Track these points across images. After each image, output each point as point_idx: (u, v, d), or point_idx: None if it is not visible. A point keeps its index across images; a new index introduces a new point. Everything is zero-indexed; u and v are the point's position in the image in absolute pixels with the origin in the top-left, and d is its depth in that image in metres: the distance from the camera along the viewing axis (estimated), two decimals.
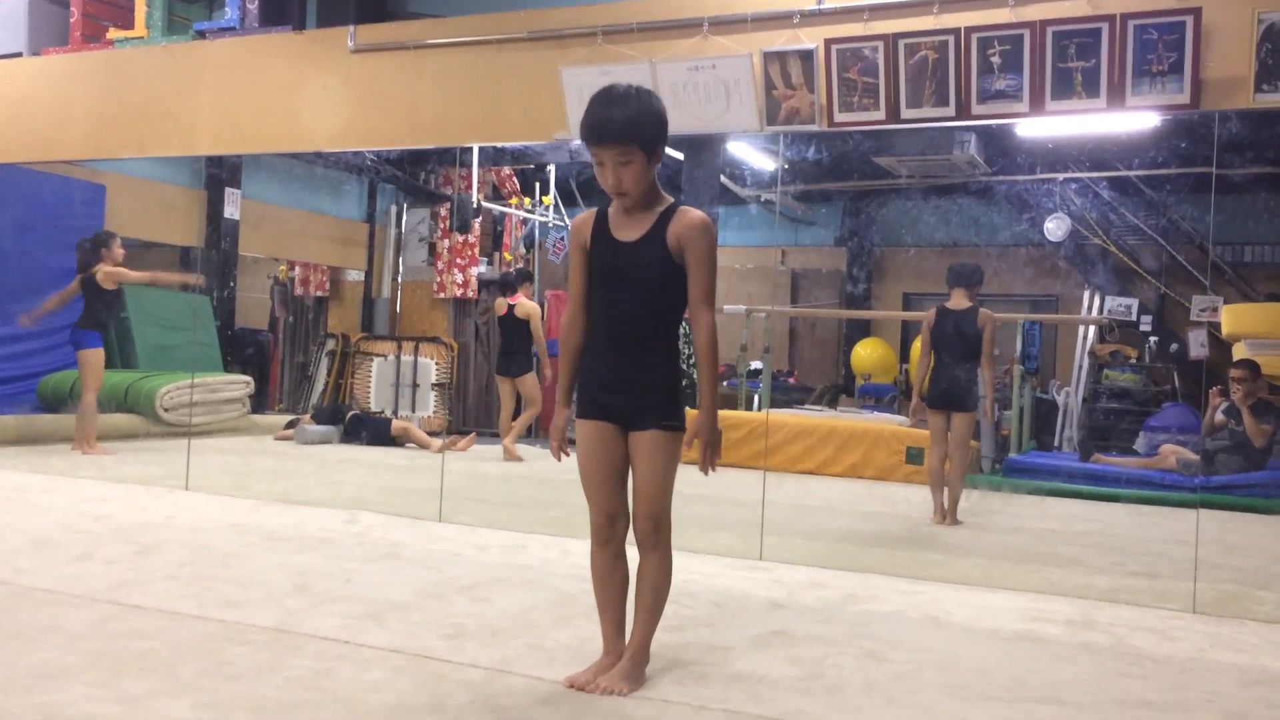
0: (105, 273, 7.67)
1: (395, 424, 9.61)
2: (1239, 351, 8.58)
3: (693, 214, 2.86)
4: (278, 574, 4.03)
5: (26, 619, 3.26)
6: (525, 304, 8.89)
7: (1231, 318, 8.82)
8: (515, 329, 8.84)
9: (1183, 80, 4.30)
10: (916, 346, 6.64)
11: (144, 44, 6.85)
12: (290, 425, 9.66)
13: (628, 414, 2.89)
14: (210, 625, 3.28)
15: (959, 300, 6.30)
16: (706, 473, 2.93)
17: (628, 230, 2.88)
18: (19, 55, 7.38)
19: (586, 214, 3.00)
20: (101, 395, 7.97)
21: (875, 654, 3.31)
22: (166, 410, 8.58)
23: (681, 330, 3.08)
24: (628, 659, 2.88)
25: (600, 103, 2.83)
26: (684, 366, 9.14)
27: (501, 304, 9.03)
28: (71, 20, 7.29)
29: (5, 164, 7.49)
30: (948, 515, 6.20)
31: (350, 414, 9.80)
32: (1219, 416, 7.99)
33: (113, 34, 7.04)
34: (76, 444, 7.65)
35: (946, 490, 6.25)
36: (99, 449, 7.61)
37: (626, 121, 2.78)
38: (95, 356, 7.62)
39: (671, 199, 2.93)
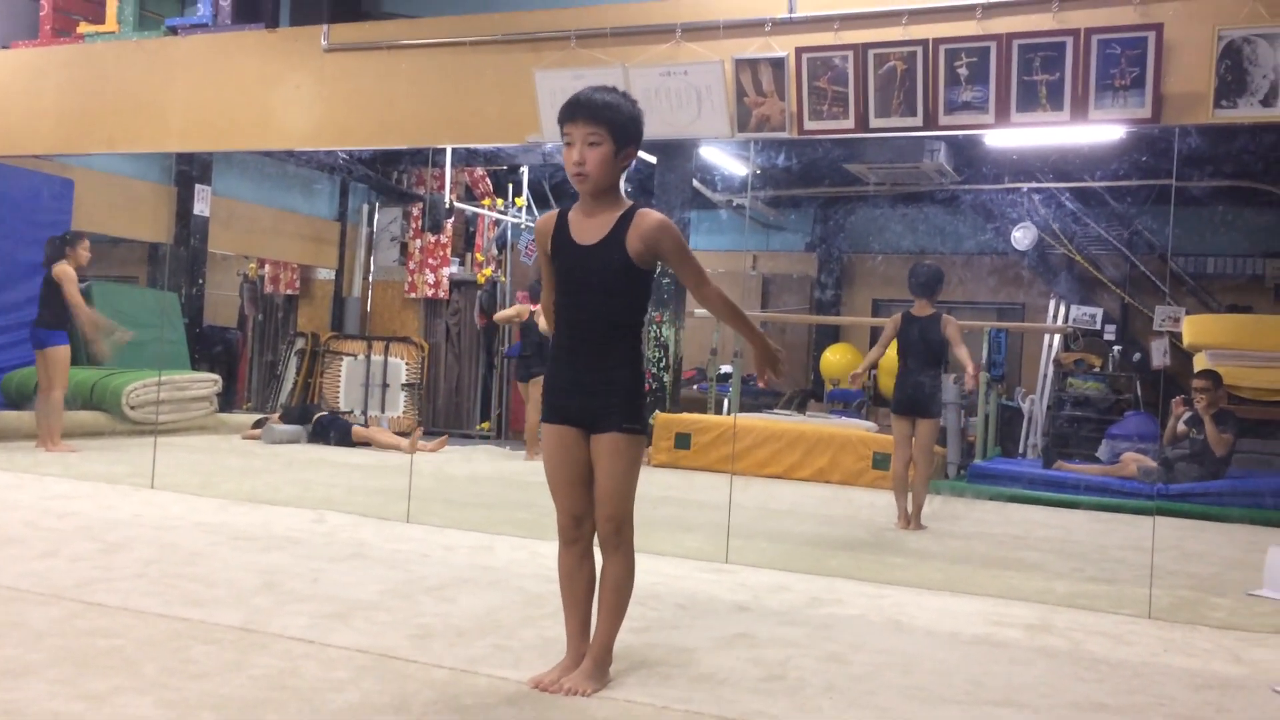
0: (58, 270, 7.54)
1: (356, 430, 9.55)
2: (1200, 362, 8.72)
3: (651, 216, 2.91)
4: (244, 573, 4.03)
5: None
6: None
7: (1193, 328, 8.97)
8: (539, 335, 8.96)
9: (1144, 95, 4.39)
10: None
11: (115, 39, 6.82)
12: (258, 424, 9.61)
13: (589, 417, 2.91)
14: (176, 623, 3.28)
15: (922, 308, 6.38)
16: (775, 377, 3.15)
17: (587, 233, 2.92)
18: None
19: (548, 216, 3.03)
20: (68, 392, 7.90)
21: (837, 656, 3.36)
22: (133, 408, 8.52)
23: (649, 333, 3.13)
24: (590, 659, 2.91)
25: (583, 90, 2.92)
26: (650, 369, 9.20)
27: (524, 310, 9.21)
28: (42, 13, 7.23)
29: None
30: (911, 520, 6.27)
31: (317, 415, 9.75)
32: (1181, 426, 8.12)
33: (84, 28, 7.00)
34: (41, 441, 7.58)
35: (911, 495, 6.32)
36: (64, 446, 7.55)
37: (603, 104, 2.85)
38: (62, 354, 7.56)
39: (630, 202, 2.96)
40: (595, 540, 2.98)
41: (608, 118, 2.84)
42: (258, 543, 4.66)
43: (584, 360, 2.92)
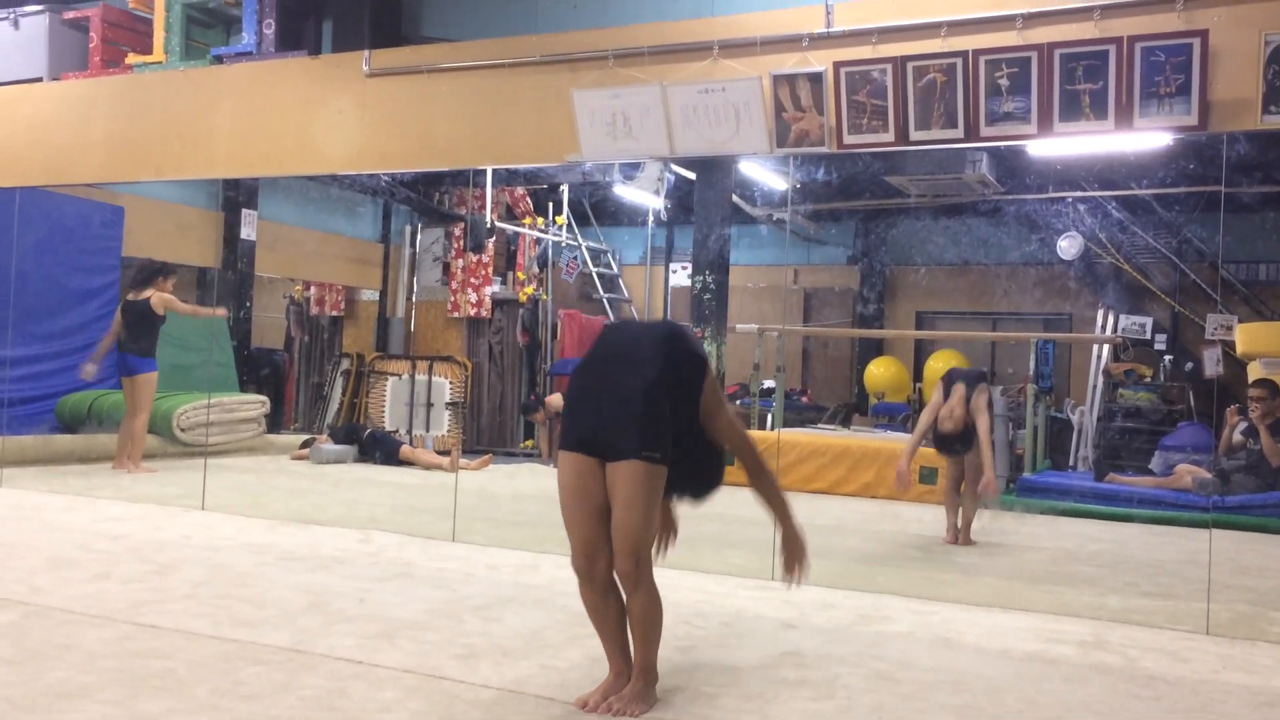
0: (159, 299, 7.93)
1: (404, 449, 9.65)
2: (1254, 370, 8.54)
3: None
4: (292, 593, 4.07)
5: (44, 638, 3.30)
6: None
7: (1246, 336, 8.79)
8: None
9: (1190, 102, 4.32)
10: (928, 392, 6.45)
11: (162, 69, 6.95)
12: (306, 445, 9.71)
13: (605, 445, 2.89)
14: (226, 645, 3.32)
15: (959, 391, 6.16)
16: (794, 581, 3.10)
17: None
18: (40, 80, 7.48)
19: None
20: (117, 414, 8.07)
21: (886, 675, 3.32)
22: (183, 430, 8.65)
23: None
24: (636, 679, 2.90)
25: None
26: None
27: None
28: (91, 45, 7.39)
29: (26, 187, 7.60)
30: (961, 535, 6.19)
31: (367, 432, 9.85)
32: (1237, 436, 7.94)
33: (132, 59, 7.14)
34: (119, 462, 7.80)
35: (961, 510, 6.24)
36: (144, 468, 7.83)
37: None
38: (151, 380, 7.91)
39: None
40: (612, 573, 2.92)
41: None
42: (305, 563, 4.70)
43: (606, 382, 2.99)
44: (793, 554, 3.04)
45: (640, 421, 2.84)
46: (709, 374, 2.98)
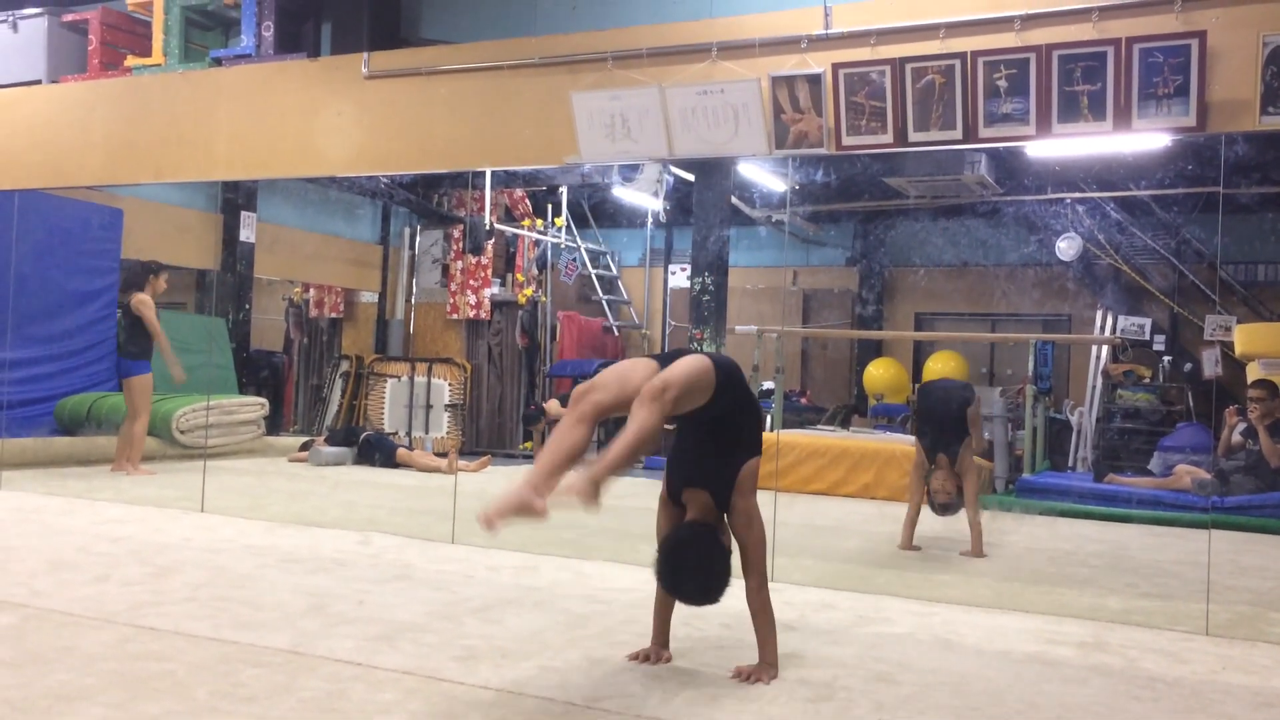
0: (137, 300, 7.85)
1: (400, 453, 9.63)
2: (1253, 371, 8.55)
3: None
4: (292, 595, 4.07)
5: (44, 641, 3.30)
6: None
7: (1245, 337, 8.80)
8: None
9: (1189, 103, 4.32)
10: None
11: (161, 71, 6.95)
12: (304, 447, 9.71)
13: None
14: (226, 647, 3.32)
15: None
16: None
17: None
18: (38, 82, 7.48)
19: None
20: (120, 418, 8.06)
21: (885, 676, 3.32)
22: (182, 432, 8.65)
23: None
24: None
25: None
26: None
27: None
28: (90, 48, 7.39)
29: (25, 189, 7.59)
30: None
31: (364, 435, 9.85)
32: (1236, 437, 7.95)
33: (131, 61, 7.14)
34: (118, 465, 7.78)
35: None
36: (144, 470, 7.80)
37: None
38: (146, 382, 7.86)
39: None
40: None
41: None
42: (305, 565, 4.70)
43: None
44: (759, 674, 3.20)
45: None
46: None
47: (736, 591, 4.52)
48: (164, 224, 9.75)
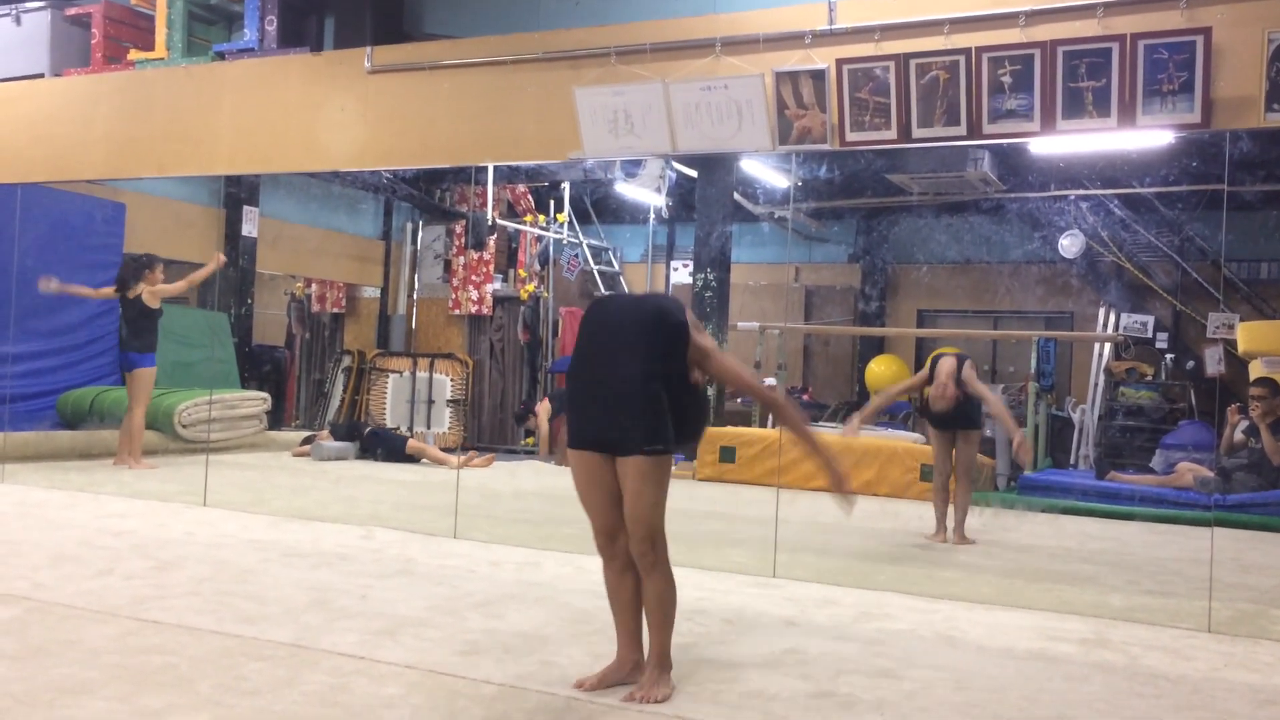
0: (150, 292, 7.89)
1: (411, 443, 9.66)
2: (1255, 369, 8.54)
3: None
4: (295, 590, 4.07)
5: (48, 634, 3.30)
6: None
7: (1247, 334, 8.78)
8: None
9: (1193, 100, 4.31)
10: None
11: (164, 65, 6.95)
12: (307, 441, 9.72)
13: (610, 441, 2.99)
14: (228, 640, 3.32)
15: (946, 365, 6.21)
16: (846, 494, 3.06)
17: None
18: (41, 76, 7.49)
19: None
20: (122, 412, 8.07)
21: (887, 672, 3.32)
22: (185, 426, 8.65)
23: None
24: (651, 669, 2.97)
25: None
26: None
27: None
28: (93, 42, 7.39)
29: (28, 183, 7.60)
30: (954, 533, 6.15)
31: (367, 430, 9.85)
32: (1238, 435, 7.93)
33: (134, 55, 7.14)
34: (120, 458, 7.78)
35: (953, 508, 6.21)
36: (145, 464, 7.80)
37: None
38: (148, 375, 7.88)
39: None
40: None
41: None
42: (308, 559, 4.70)
43: (605, 387, 3.03)
44: (833, 480, 3.05)
45: (641, 419, 2.94)
46: (691, 335, 3.01)
47: (736, 588, 4.54)
48: (166, 218, 9.75)
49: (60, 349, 8.84)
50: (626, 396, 2.95)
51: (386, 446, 9.56)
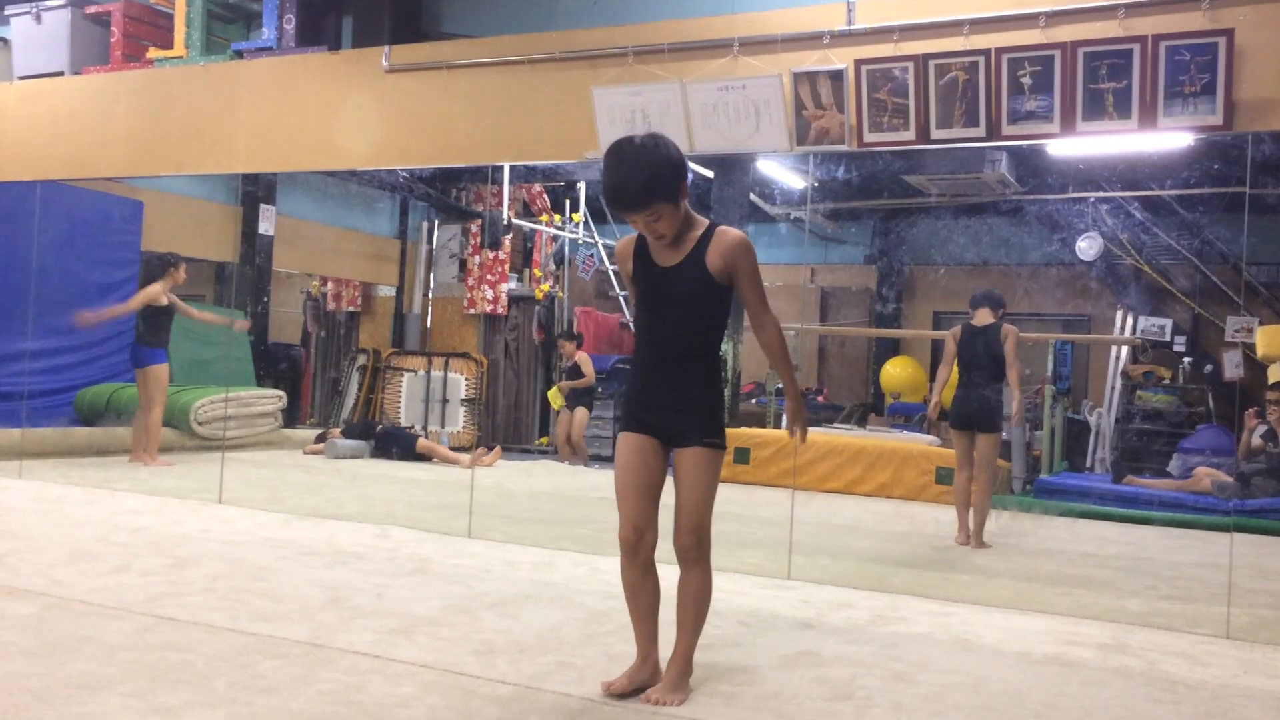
0: (151, 289, 7.91)
1: (420, 442, 9.67)
2: (1274, 373, 8.48)
3: (731, 234, 2.92)
4: (310, 588, 4.08)
5: (65, 630, 3.31)
6: None
7: (1267, 339, 8.72)
8: None
9: (1215, 101, 4.28)
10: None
11: (183, 63, 6.98)
12: (320, 439, 9.74)
13: (670, 431, 2.95)
14: (244, 638, 3.33)
15: (983, 318, 6.31)
16: (802, 441, 3.07)
17: (667, 255, 2.93)
18: (61, 74, 7.53)
19: (627, 239, 3.05)
20: (135, 407, 8.11)
21: (903, 675, 3.30)
22: (200, 424, 8.69)
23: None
24: (673, 671, 2.94)
25: (613, 170, 2.84)
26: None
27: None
28: (112, 40, 7.43)
29: (47, 180, 7.64)
30: (973, 538, 6.15)
31: (379, 428, 9.87)
32: (1256, 440, 7.89)
33: (153, 54, 7.17)
34: (136, 455, 7.81)
35: (972, 512, 6.20)
36: (161, 461, 7.83)
37: (643, 187, 2.81)
38: (162, 372, 7.90)
39: (707, 221, 2.98)
40: (660, 556, 2.98)
41: (654, 196, 2.82)
42: (323, 558, 4.71)
43: (666, 377, 2.95)
44: (796, 418, 3.07)
45: (705, 412, 2.94)
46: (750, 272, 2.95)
47: (750, 589, 4.52)
48: (184, 216, 9.80)
49: (78, 346, 8.89)
50: (690, 387, 2.94)
51: (399, 445, 9.58)
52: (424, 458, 9.49)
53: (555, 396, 10.15)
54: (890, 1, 4.98)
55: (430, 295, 12.69)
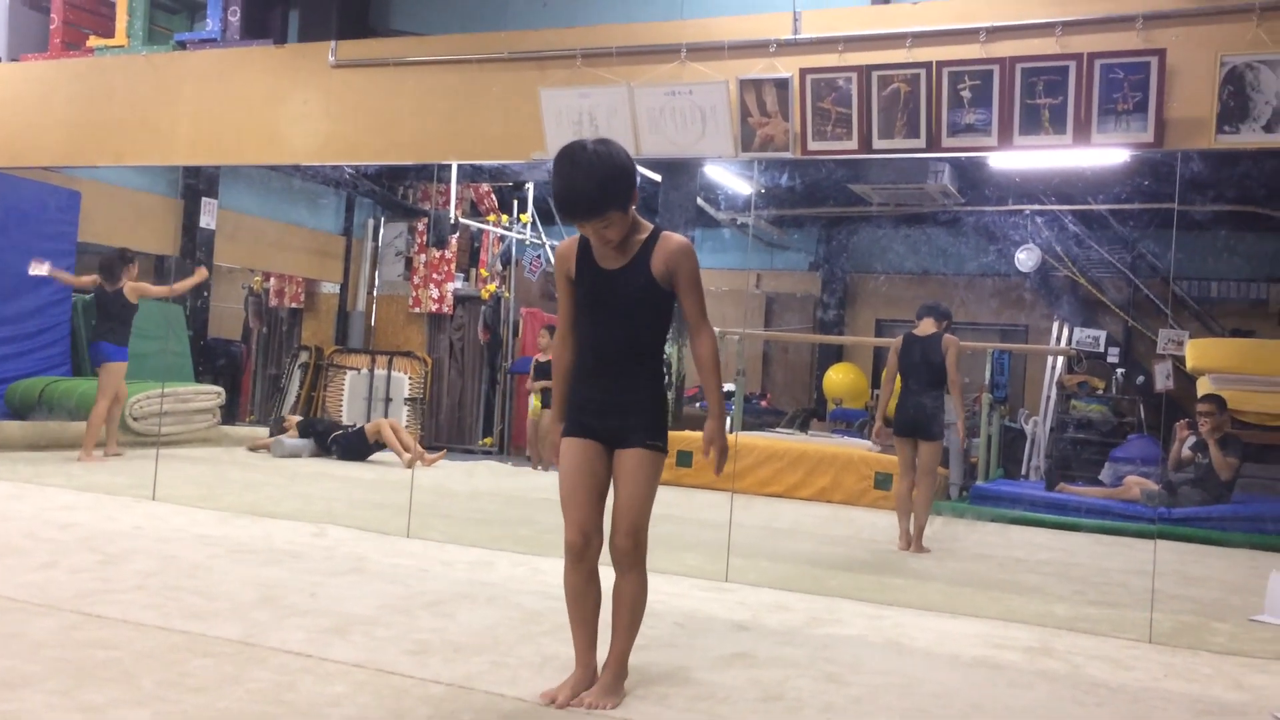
0: (131, 288, 7.84)
1: (371, 424, 9.46)
2: (1203, 386, 8.71)
3: (675, 240, 2.94)
4: (244, 586, 4.03)
5: None
6: None
7: (1196, 352, 8.96)
8: None
9: (1147, 119, 4.40)
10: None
11: (124, 53, 6.86)
12: (274, 433, 9.58)
13: (613, 434, 2.95)
14: (174, 636, 3.28)
15: (926, 327, 6.40)
16: (719, 473, 3.05)
17: (611, 258, 2.94)
18: None
19: (570, 241, 3.05)
20: (71, 403, 7.95)
21: (835, 677, 3.35)
22: (136, 419, 8.54)
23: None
24: (608, 674, 2.94)
25: (564, 177, 2.85)
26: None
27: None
28: (52, 27, 7.28)
29: None
30: (913, 542, 6.24)
31: (333, 435, 9.52)
32: (1186, 451, 8.09)
33: (93, 42, 7.05)
34: (86, 451, 7.65)
35: (913, 517, 6.30)
36: (95, 456, 7.70)
37: (596, 196, 2.82)
38: (121, 370, 7.85)
39: (652, 225, 2.99)
40: (600, 560, 2.99)
41: (607, 205, 2.83)
42: (258, 556, 4.66)
43: (608, 380, 2.97)
44: (714, 440, 3.04)
45: (647, 414, 2.96)
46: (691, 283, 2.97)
47: (688, 591, 4.56)
48: (123, 208, 9.62)
49: (11, 338, 8.69)
50: (634, 389, 2.96)
51: (356, 454, 9.30)
52: (376, 447, 9.28)
53: (535, 409, 9.90)
54: (835, 12, 5.06)
55: (375, 293, 12.58)
